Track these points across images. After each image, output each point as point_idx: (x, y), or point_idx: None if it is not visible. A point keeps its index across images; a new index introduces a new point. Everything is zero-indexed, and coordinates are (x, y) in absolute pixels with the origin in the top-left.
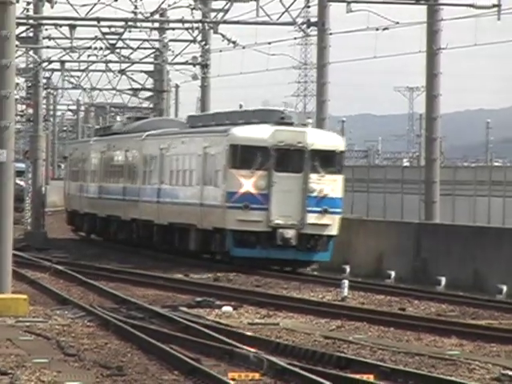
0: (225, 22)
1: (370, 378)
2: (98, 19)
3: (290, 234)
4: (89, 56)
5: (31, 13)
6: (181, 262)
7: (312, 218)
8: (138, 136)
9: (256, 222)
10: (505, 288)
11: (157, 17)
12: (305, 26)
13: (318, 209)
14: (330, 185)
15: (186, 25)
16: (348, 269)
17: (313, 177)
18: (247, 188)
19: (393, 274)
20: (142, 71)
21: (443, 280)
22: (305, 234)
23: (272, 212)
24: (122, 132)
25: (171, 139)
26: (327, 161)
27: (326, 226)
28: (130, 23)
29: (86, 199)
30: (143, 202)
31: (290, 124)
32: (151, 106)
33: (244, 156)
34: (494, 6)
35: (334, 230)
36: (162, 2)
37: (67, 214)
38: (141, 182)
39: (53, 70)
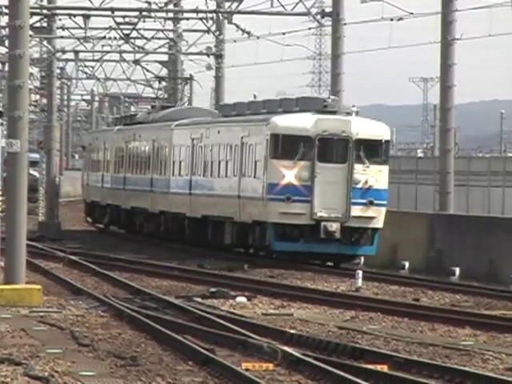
0: (239, 13)
1: (384, 368)
2: (112, 9)
3: (334, 227)
4: (103, 46)
5: (45, 2)
6: (196, 252)
7: (357, 211)
8: (167, 125)
9: (298, 215)
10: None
11: (171, 7)
12: (319, 16)
13: (363, 201)
14: (375, 176)
15: (201, 15)
16: (362, 259)
17: (358, 167)
18: (289, 179)
19: (407, 264)
20: (156, 61)
21: (457, 270)
22: (349, 227)
23: (315, 204)
24: (147, 121)
25: (204, 129)
26: (372, 150)
27: (371, 218)
28: (144, 13)
29: (108, 190)
30: (173, 193)
31: (334, 112)
32: (165, 96)
33: (286, 146)
34: None
35: (379, 223)
36: None
37: (86, 205)
38: (170, 173)
39: (67, 60)
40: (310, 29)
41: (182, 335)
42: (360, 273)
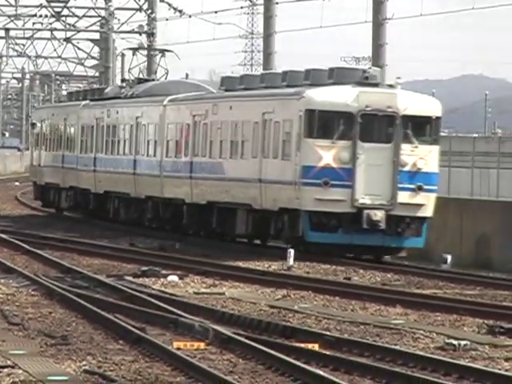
0: None
1: (315, 347)
2: None
3: (379, 215)
4: (34, 24)
5: None
6: (127, 231)
7: (404, 197)
8: (156, 101)
9: (338, 202)
10: (449, 257)
11: None
12: None
13: (411, 186)
14: (424, 157)
15: None
16: None
17: (405, 148)
18: (327, 161)
19: None
20: (87, 39)
21: None
22: (395, 216)
23: (357, 190)
24: (124, 96)
25: (211, 104)
26: (422, 128)
27: (419, 206)
28: None
29: (72, 172)
30: (167, 177)
31: (376, 85)
32: (97, 74)
33: (323, 123)
34: None
35: (428, 211)
36: None
37: (36, 188)
38: (163, 154)
39: None
40: (242, 8)
41: (113, 314)
42: (292, 251)
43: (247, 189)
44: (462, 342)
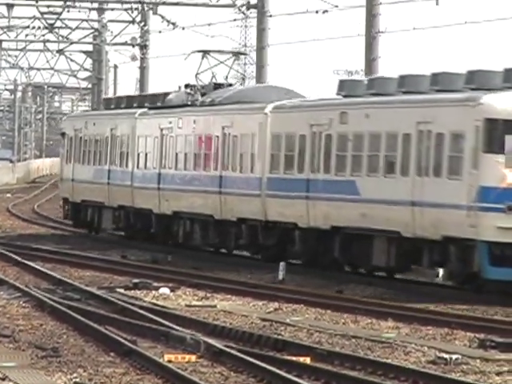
0: (164, 4)
1: (307, 360)
2: None
3: None
4: (27, 35)
5: None
6: (119, 243)
7: None
8: (252, 109)
9: None
10: (441, 271)
11: None
12: (244, 7)
13: None
14: None
15: (125, 5)
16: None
17: None
18: None
19: None
20: (80, 51)
21: None
22: None
23: None
24: (201, 104)
25: (336, 112)
26: None
27: None
28: (68, 3)
29: (123, 189)
30: (272, 196)
31: None
32: (89, 86)
33: (507, 136)
34: None
35: None
36: None
37: (70, 205)
38: (264, 169)
39: None
40: (235, 20)
41: (105, 326)
42: (283, 265)
43: (393, 212)
44: (454, 356)
